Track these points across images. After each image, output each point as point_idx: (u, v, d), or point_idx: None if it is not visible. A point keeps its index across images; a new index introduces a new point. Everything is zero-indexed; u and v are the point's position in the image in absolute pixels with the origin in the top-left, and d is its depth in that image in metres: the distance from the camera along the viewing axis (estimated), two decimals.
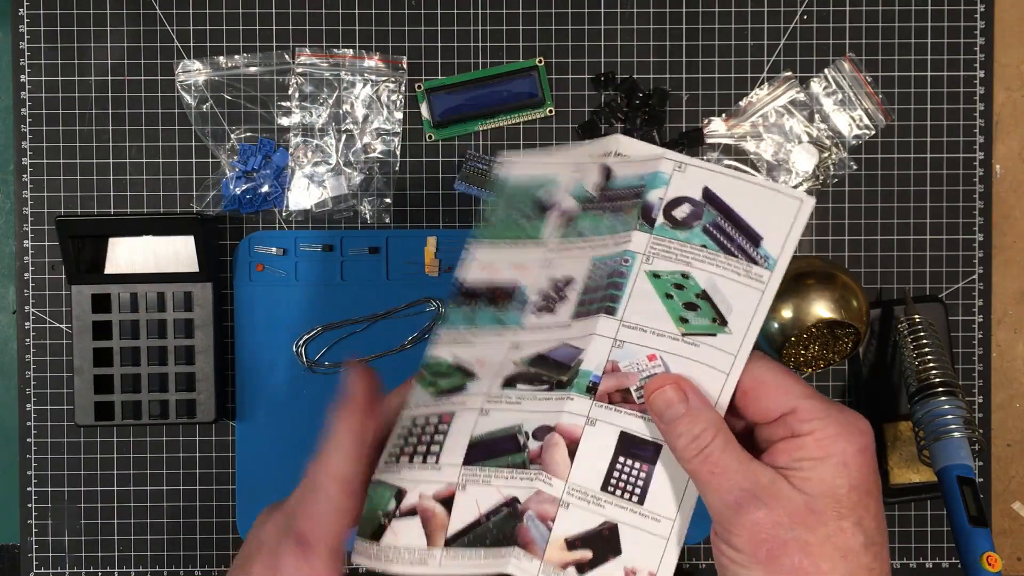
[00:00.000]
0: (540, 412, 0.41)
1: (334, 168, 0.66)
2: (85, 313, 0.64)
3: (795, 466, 0.37)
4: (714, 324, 0.39)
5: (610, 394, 0.40)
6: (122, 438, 0.67)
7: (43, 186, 0.66)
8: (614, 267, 0.39)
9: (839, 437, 0.37)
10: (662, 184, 0.39)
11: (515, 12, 0.66)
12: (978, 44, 0.67)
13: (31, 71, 0.66)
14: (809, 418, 0.38)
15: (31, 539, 0.66)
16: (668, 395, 0.39)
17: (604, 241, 0.39)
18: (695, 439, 0.38)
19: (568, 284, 0.40)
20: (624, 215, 0.39)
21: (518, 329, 0.41)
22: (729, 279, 0.39)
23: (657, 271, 0.39)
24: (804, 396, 0.38)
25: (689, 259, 0.39)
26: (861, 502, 0.37)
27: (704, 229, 0.39)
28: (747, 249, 0.38)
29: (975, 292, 0.67)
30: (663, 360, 0.40)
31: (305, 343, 0.66)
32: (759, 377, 0.39)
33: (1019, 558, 0.68)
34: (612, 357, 0.40)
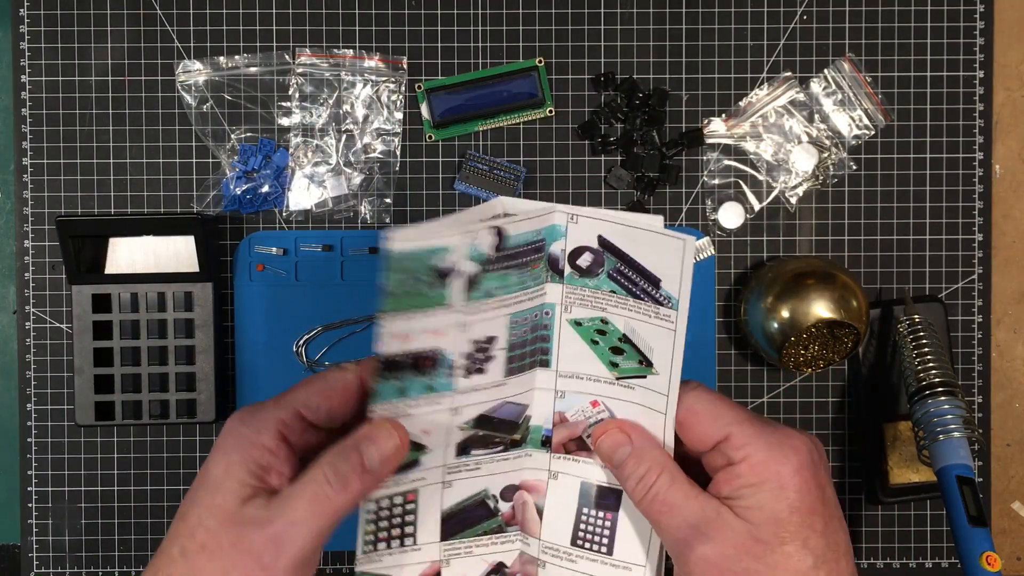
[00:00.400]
0: (502, 473, 0.41)
1: (334, 168, 0.66)
2: (85, 313, 0.64)
3: (736, 495, 0.37)
4: (641, 366, 0.40)
5: (564, 444, 0.41)
6: (122, 438, 0.67)
7: (43, 186, 0.66)
8: (536, 321, 0.40)
9: (772, 460, 0.37)
10: (560, 236, 0.39)
11: (515, 12, 0.66)
12: (978, 44, 0.67)
13: (31, 71, 0.66)
14: (741, 444, 0.37)
15: (31, 539, 0.66)
16: (613, 439, 0.39)
17: (518, 297, 0.40)
18: (641, 480, 0.38)
19: (491, 343, 0.40)
20: (531, 270, 0.40)
21: (452, 394, 0.41)
22: (643, 322, 0.40)
23: (578, 319, 0.40)
24: (736, 422, 0.38)
25: (604, 304, 0.40)
26: (804, 522, 0.37)
27: (609, 275, 0.39)
28: (650, 292, 0.39)
29: (975, 292, 0.67)
30: (606, 405, 0.41)
31: (305, 343, 0.66)
32: (691, 407, 0.39)
33: (1019, 558, 0.69)
34: (557, 408, 0.41)
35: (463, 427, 0.41)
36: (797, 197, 0.67)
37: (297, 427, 0.39)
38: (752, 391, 0.67)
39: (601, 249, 0.39)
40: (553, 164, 0.67)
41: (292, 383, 0.65)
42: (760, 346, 0.63)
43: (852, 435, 0.67)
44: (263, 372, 0.66)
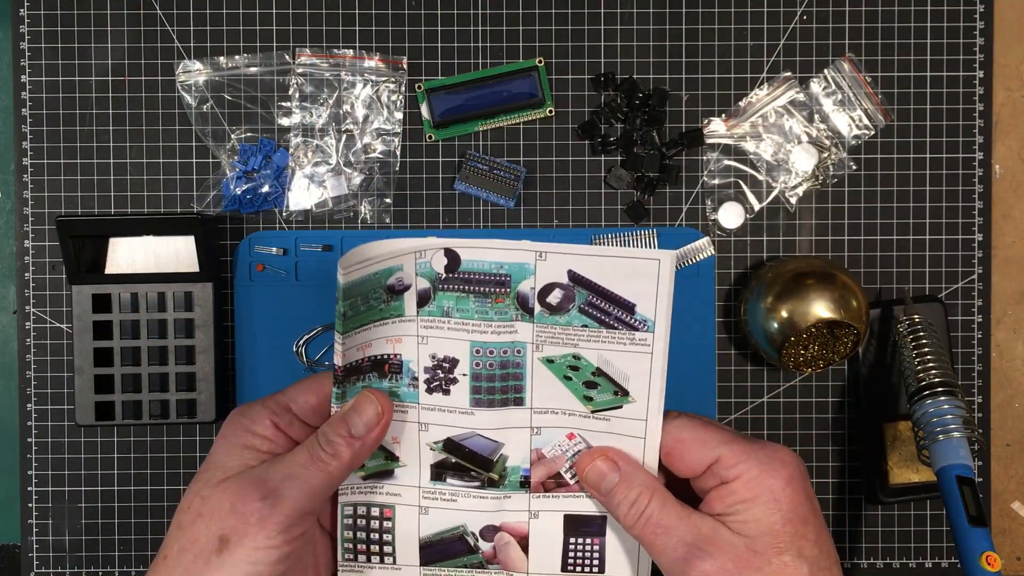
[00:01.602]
0: (481, 512, 0.42)
1: (334, 168, 0.66)
2: (85, 313, 0.64)
3: (730, 511, 0.38)
4: (617, 396, 0.40)
5: (544, 483, 0.42)
6: (122, 438, 0.67)
7: (43, 186, 0.66)
8: (507, 358, 0.41)
9: (764, 475, 0.38)
10: (529, 274, 0.39)
11: (515, 12, 0.66)
12: (978, 44, 0.67)
13: (31, 71, 0.66)
14: (733, 463, 0.39)
15: (31, 539, 0.67)
16: (600, 468, 0.40)
17: (480, 327, 0.40)
18: (633, 504, 0.39)
19: (454, 366, 0.41)
20: (494, 303, 0.40)
21: (418, 407, 0.42)
22: (617, 351, 0.40)
23: (550, 357, 0.40)
24: (724, 443, 0.39)
25: (575, 341, 0.40)
26: (798, 532, 0.38)
27: (580, 310, 0.40)
28: (624, 319, 0.39)
29: (975, 292, 0.67)
30: (582, 437, 0.41)
31: (305, 343, 0.66)
32: (678, 436, 0.40)
33: (1018, 558, 0.69)
34: (534, 446, 0.42)
35: (433, 447, 0.42)
36: (797, 197, 0.67)
37: (287, 419, 0.41)
38: (752, 391, 0.67)
39: (571, 284, 0.39)
40: (553, 164, 0.67)
41: (292, 383, 0.65)
42: (760, 346, 0.63)
43: (852, 435, 0.67)
44: (263, 372, 0.66)
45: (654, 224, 0.67)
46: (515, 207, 0.67)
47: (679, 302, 0.66)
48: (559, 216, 0.67)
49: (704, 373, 0.67)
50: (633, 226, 0.67)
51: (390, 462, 0.42)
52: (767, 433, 0.67)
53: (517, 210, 0.67)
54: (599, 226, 0.67)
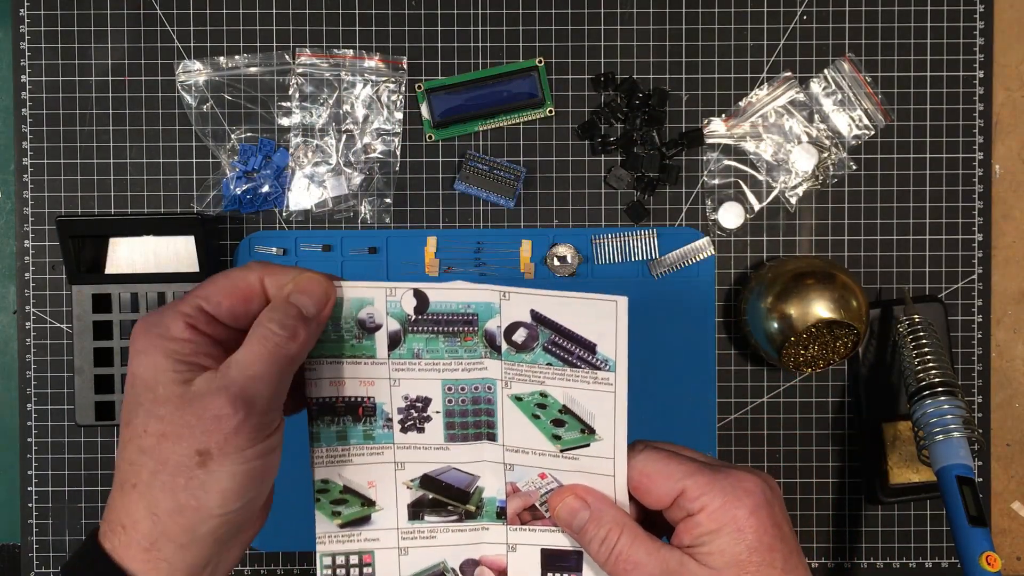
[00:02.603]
0: (459, 545, 0.43)
1: (334, 168, 0.66)
2: (86, 313, 0.64)
3: (697, 543, 0.39)
4: (584, 435, 0.41)
5: (519, 515, 0.43)
6: None
7: (43, 186, 0.66)
8: (478, 394, 0.41)
9: (727, 505, 0.39)
10: (495, 313, 0.40)
11: (515, 12, 0.66)
12: (978, 44, 0.67)
13: (31, 71, 0.66)
14: (697, 495, 0.39)
15: (31, 539, 0.66)
16: (571, 505, 0.41)
17: (450, 365, 0.41)
18: (603, 541, 0.40)
19: (427, 405, 0.42)
20: (463, 342, 0.41)
21: (393, 447, 0.42)
22: (582, 390, 0.41)
23: (518, 394, 0.41)
24: (688, 475, 0.39)
25: (542, 378, 0.41)
26: (765, 561, 0.38)
27: (544, 348, 0.40)
28: (586, 358, 0.40)
29: (975, 292, 0.67)
30: (553, 476, 0.42)
31: None
32: (643, 470, 0.40)
33: (1018, 558, 0.69)
34: (508, 479, 0.42)
35: (410, 485, 0.42)
36: (797, 197, 0.67)
37: (202, 319, 0.39)
38: (752, 391, 0.67)
39: (535, 323, 0.40)
40: (553, 164, 0.67)
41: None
42: (760, 346, 0.63)
43: (852, 435, 0.67)
44: None
45: (654, 224, 0.67)
46: (515, 207, 0.67)
47: (679, 302, 0.66)
48: (559, 216, 0.67)
49: (704, 373, 0.67)
50: (633, 226, 0.67)
51: (367, 508, 0.43)
52: (767, 433, 0.67)
53: (517, 210, 0.67)
54: (599, 226, 0.67)
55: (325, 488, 0.42)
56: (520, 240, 0.66)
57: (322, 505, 0.42)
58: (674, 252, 0.66)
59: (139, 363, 0.38)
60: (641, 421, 0.66)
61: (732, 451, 0.67)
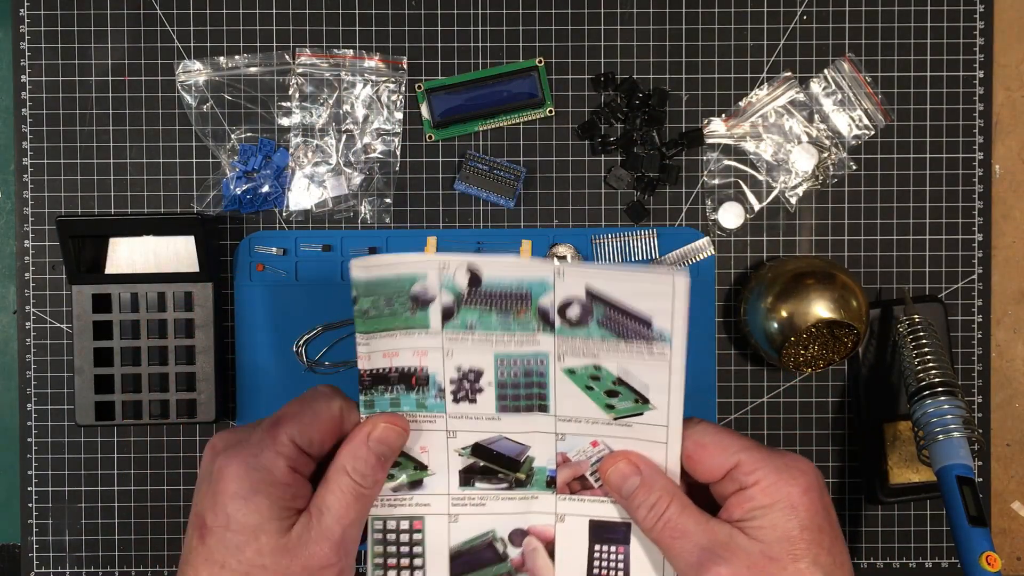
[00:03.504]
0: (509, 514, 0.43)
1: (334, 168, 0.66)
2: (85, 313, 0.64)
3: (748, 517, 0.39)
4: (637, 404, 0.41)
5: (569, 484, 0.43)
6: (122, 438, 0.67)
7: (43, 186, 0.66)
8: (531, 367, 0.42)
9: (782, 482, 0.39)
10: (548, 289, 0.40)
11: (515, 12, 0.66)
12: (978, 44, 0.67)
13: (31, 71, 0.66)
14: (752, 469, 0.39)
15: (31, 539, 0.67)
16: (621, 469, 0.41)
17: (504, 339, 0.41)
18: (652, 508, 0.40)
19: (480, 376, 0.42)
20: (516, 316, 0.41)
21: (445, 416, 0.42)
22: (636, 362, 0.41)
23: (571, 368, 0.41)
24: (744, 449, 0.40)
25: (596, 352, 0.41)
26: (815, 540, 0.38)
27: (599, 323, 0.41)
28: (641, 332, 0.40)
29: (975, 292, 0.67)
30: (605, 443, 0.42)
31: (305, 343, 0.66)
32: (699, 441, 0.41)
33: (1018, 558, 0.69)
34: (559, 450, 0.43)
35: (461, 453, 0.43)
36: (797, 197, 0.67)
37: (300, 460, 0.41)
38: (752, 391, 0.67)
39: (589, 299, 0.40)
40: (553, 164, 0.67)
41: (292, 383, 0.65)
42: (760, 346, 0.63)
43: (852, 435, 0.67)
44: (263, 372, 0.66)
45: (654, 224, 0.67)
46: (515, 207, 0.67)
47: None
48: (559, 216, 0.67)
49: (704, 373, 0.67)
50: (633, 226, 0.67)
51: (419, 472, 0.43)
52: (767, 433, 0.67)
53: (517, 210, 0.67)
54: (599, 226, 0.67)
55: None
56: (520, 240, 0.66)
57: None
58: (674, 252, 0.66)
59: (239, 508, 0.38)
60: None
61: None
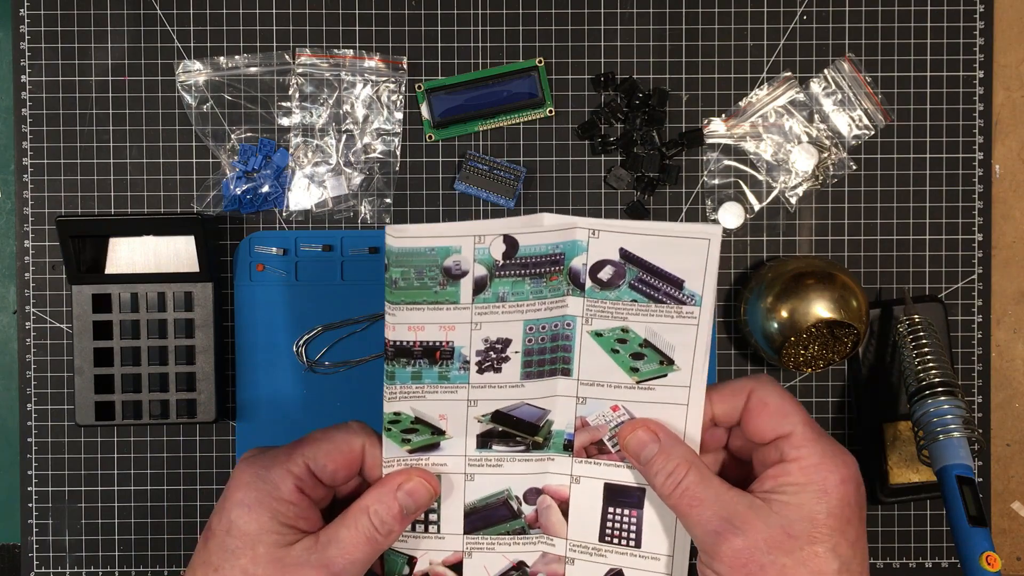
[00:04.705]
0: (525, 475, 0.43)
1: (334, 168, 0.66)
2: (85, 313, 0.64)
3: (779, 491, 0.39)
4: (662, 366, 0.41)
5: (586, 448, 0.43)
6: (122, 438, 0.67)
7: (43, 186, 0.66)
8: (557, 331, 0.41)
9: (822, 466, 0.39)
10: (581, 251, 0.40)
11: (515, 12, 0.66)
12: (978, 44, 0.67)
13: (31, 71, 0.66)
14: (800, 444, 0.39)
15: (31, 539, 0.67)
16: (640, 437, 0.41)
17: (534, 305, 0.41)
18: (670, 475, 0.40)
19: (506, 346, 0.42)
20: (548, 281, 0.41)
21: (468, 386, 0.42)
22: (665, 324, 0.41)
23: (599, 330, 0.41)
24: (801, 423, 0.40)
25: (624, 314, 0.41)
26: (838, 528, 0.38)
27: (631, 285, 0.40)
28: (673, 294, 0.40)
29: (975, 292, 0.67)
30: (626, 408, 0.42)
31: (305, 343, 0.66)
32: (763, 398, 0.41)
33: (1018, 558, 0.69)
34: (579, 414, 0.43)
35: (480, 419, 0.43)
36: (797, 197, 0.67)
37: (309, 482, 0.41)
38: None
39: (622, 261, 0.40)
40: (553, 164, 0.67)
41: (292, 383, 0.65)
42: (760, 346, 0.63)
43: (852, 435, 0.67)
44: (263, 372, 0.66)
45: None
46: (515, 207, 0.67)
47: None
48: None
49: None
50: None
51: (437, 436, 0.43)
52: None
53: (517, 210, 0.67)
54: None
55: (396, 419, 0.42)
56: None
57: (392, 434, 0.42)
58: None
59: (241, 515, 0.39)
60: None
61: None
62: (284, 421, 0.66)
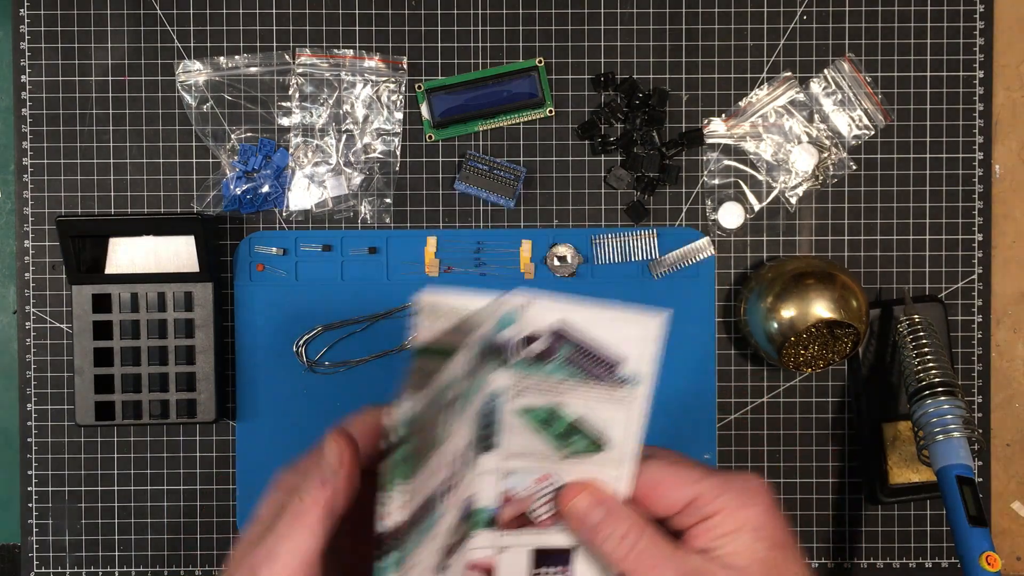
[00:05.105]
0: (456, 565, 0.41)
1: (334, 168, 0.66)
2: (85, 313, 0.64)
3: (716, 545, 0.38)
4: (592, 445, 0.40)
5: (512, 521, 0.41)
6: (122, 438, 0.67)
7: (43, 186, 0.66)
8: (483, 409, 0.39)
9: (744, 505, 0.38)
10: (512, 322, 0.38)
11: (515, 12, 0.66)
12: (978, 44, 0.67)
13: (31, 71, 0.66)
14: (713, 497, 0.39)
15: (31, 539, 0.67)
16: (587, 500, 0.40)
17: (476, 399, 0.38)
18: (624, 538, 0.39)
19: (459, 455, 0.39)
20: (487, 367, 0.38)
21: (439, 519, 0.39)
22: (597, 403, 0.39)
23: (526, 407, 0.39)
24: (700, 479, 0.39)
25: (555, 392, 0.39)
26: (786, 557, 0.38)
27: (563, 361, 0.38)
28: (609, 375, 0.38)
29: (975, 292, 0.67)
30: (558, 475, 0.40)
31: (305, 343, 0.66)
32: (653, 478, 0.40)
33: (1018, 558, 0.69)
34: (504, 487, 0.40)
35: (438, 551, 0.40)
36: (797, 197, 0.67)
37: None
38: (752, 391, 0.67)
39: (556, 335, 0.38)
40: (553, 164, 0.67)
41: (292, 383, 0.65)
42: (760, 346, 0.63)
43: (852, 435, 0.67)
44: (263, 372, 0.66)
45: (654, 224, 0.67)
46: (515, 207, 0.67)
47: (679, 302, 0.66)
48: (559, 216, 0.67)
49: (704, 373, 0.67)
50: (633, 226, 0.67)
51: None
52: (767, 433, 0.67)
53: (517, 210, 0.67)
54: (599, 226, 0.67)
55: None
56: (520, 240, 0.66)
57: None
58: (674, 252, 0.66)
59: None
60: None
61: (732, 451, 0.67)
62: (284, 421, 0.66)
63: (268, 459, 0.66)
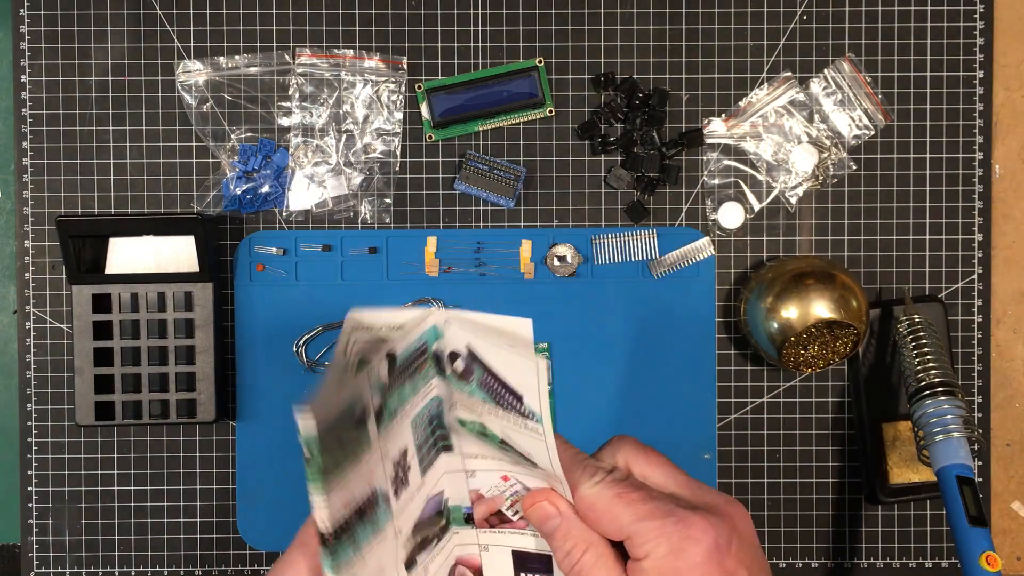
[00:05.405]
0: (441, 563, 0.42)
1: (334, 168, 0.66)
2: (85, 313, 0.64)
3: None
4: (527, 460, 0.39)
5: (487, 519, 0.42)
6: (122, 438, 0.67)
7: (43, 186, 0.66)
8: (432, 412, 0.40)
9: (672, 555, 0.37)
10: (439, 336, 0.38)
11: (515, 12, 0.66)
12: (978, 44, 0.67)
13: (31, 71, 0.66)
14: (642, 542, 0.38)
15: (31, 539, 0.67)
16: (544, 510, 0.40)
17: (414, 401, 0.39)
18: (568, 554, 0.39)
19: (405, 454, 0.40)
20: (420, 372, 0.39)
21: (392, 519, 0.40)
22: (514, 432, 0.39)
23: (461, 419, 0.40)
24: (636, 520, 0.38)
25: (479, 412, 0.39)
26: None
27: (480, 383, 0.39)
28: (515, 406, 0.38)
29: (975, 292, 0.67)
30: (516, 478, 0.41)
31: (305, 343, 0.66)
32: (592, 505, 0.39)
33: (1018, 558, 0.69)
34: (472, 487, 0.41)
35: (405, 543, 0.41)
36: (797, 197, 0.67)
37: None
38: (752, 391, 0.67)
39: (471, 356, 0.38)
40: (553, 164, 0.67)
41: (292, 383, 0.65)
42: (760, 346, 0.63)
43: (852, 435, 0.67)
44: (263, 372, 0.66)
45: (654, 224, 0.67)
46: (515, 207, 0.67)
47: (679, 302, 0.66)
48: (559, 216, 0.67)
49: (704, 373, 0.67)
50: (633, 226, 0.67)
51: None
52: (767, 433, 0.67)
53: (517, 210, 0.67)
54: (599, 226, 0.67)
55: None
56: (520, 240, 0.66)
57: None
58: (674, 252, 0.66)
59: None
60: (642, 421, 0.67)
61: (732, 451, 0.67)
62: (284, 421, 0.66)
63: (268, 459, 0.66)
